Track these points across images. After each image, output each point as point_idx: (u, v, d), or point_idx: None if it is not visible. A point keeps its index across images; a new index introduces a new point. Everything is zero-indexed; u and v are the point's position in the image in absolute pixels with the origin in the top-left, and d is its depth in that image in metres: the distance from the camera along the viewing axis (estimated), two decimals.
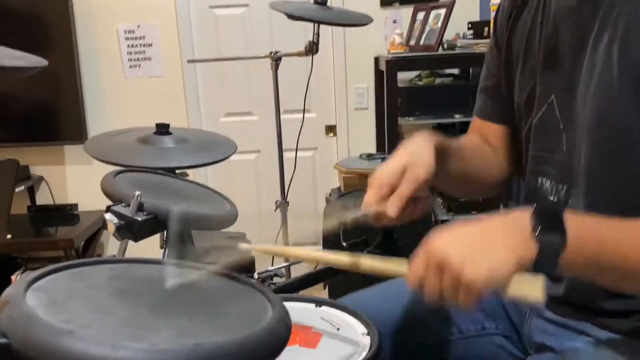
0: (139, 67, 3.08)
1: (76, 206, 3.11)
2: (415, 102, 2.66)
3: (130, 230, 0.95)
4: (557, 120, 0.90)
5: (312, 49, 2.12)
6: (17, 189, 2.89)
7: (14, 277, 2.88)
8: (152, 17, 3.03)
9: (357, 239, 1.70)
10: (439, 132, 0.98)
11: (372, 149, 3.03)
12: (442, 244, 0.70)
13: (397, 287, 1.13)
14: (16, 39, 2.84)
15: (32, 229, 3.01)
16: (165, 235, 1.26)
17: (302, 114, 2.35)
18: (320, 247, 2.72)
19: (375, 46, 2.98)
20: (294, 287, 1.63)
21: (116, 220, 0.95)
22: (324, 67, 3.03)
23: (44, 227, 3.04)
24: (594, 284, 0.76)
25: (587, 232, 0.71)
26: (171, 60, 3.07)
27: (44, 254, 3.06)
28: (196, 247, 1.35)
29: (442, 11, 2.61)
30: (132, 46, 3.06)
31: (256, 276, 1.45)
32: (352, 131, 3.16)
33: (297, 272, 1.93)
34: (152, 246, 1.32)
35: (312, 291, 2.42)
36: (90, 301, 0.59)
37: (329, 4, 2.08)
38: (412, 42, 2.75)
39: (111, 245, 3.27)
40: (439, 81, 2.82)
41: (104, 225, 0.97)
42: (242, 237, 2.30)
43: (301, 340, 0.92)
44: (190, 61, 2.87)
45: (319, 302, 1.05)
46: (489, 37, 2.58)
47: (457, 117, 2.59)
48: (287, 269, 2.09)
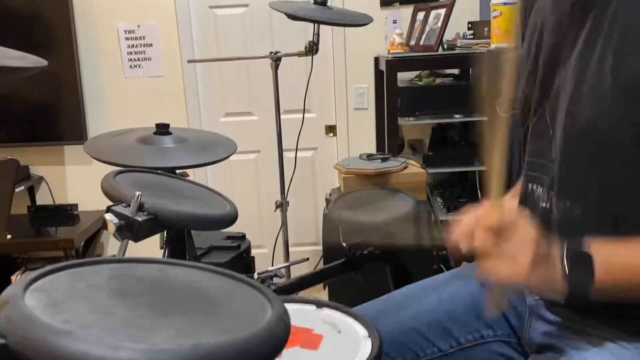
0: (139, 67, 3.08)
1: (76, 206, 3.11)
2: (415, 102, 2.66)
3: (130, 230, 0.95)
4: (548, 126, 0.90)
5: (312, 49, 2.12)
6: (17, 189, 2.90)
7: (13, 277, 2.88)
8: (152, 17, 3.03)
9: (357, 239, 1.71)
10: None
11: (372, 149, 3.03)
12: (535, 235, 0.75)
13: (394, 301, 1.13)
14: (16, 39, 2.88)
15: (32, 229, 3.01)
16: (165, 235, 1.26)
17: (302, 114, 2.35)
18: (320, 247, 2.73)
19: (375, 46, 2.98)
20: (294, 288, 1.63)
21: (116, 220, 0.94)
22: (324, 67, 3.03)
23: (44, 227, 3.04)
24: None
25: (615, 261, 0.77)
26: (171, 60, 3.07)
27: (44, 254, 3.06)
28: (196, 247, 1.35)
29: (442, 11, 2.60)
30: (132, 46, 3.06)
31: (256, 276, 1.45)
32: (352, 131, 3.16)
33: (297, 272, 1.93)
34: (152, 246, 1.32)
35: (312, 292, 2.42)
36: (89, 301, 0.59)
37: (329, 4, 2.08)
38: (412, 42, 2.75)
39: (111, 245, 3.27)
40: (439, 81, 2.81)
41: (104, 225, 0.96)
42: (242, 237, 2.31)
43: (302, 342, 0.92)
44: (190, 61, 2.87)
45: (320, 304, 1.05)
46: (489, 37, 2.58)
47: (457, 117, 2.59)
48: (287, 269, 2.09)
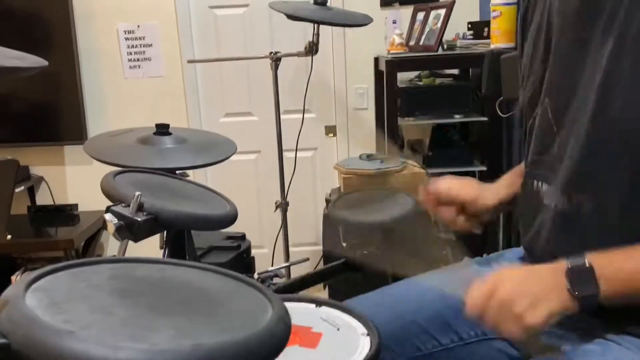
0: (139, 67, 3.08)
1: (76, 206, 3.11)
2: (415, 102, 2.66)
3: (130, 230, 0.94)
4: (551, 123, 0.90)
5: (312, 49, 2.13)
6: (17, 189, 2.90)
7: (14, 278, 2.88)
8: (152, 17, 3.04)
9: (357, 239, 1.71)
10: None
11: (372, 149, 3.03)
12: (511, 285, 0.81)
13: (395, 294, 1.13)
14: (16, 39, 2.88)
15: (32, 229, 3.01)
16: (165, 235, 1.26)
17: (302, 114, 2.36)
18: (320, 247, 2.73)
19: (375, 46, 2.98)
20: (294, 288, 1.63)
21: (116, 220, 0.94)
22: (324, 67, 3.03)
23: (44, 227, 3.04)
24: None
25: (621, 271, 0.79)
26: (171, 60, 3.07)
27: (44, 254, 3.06)
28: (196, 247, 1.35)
29: (442, 11, 2.60)
30: (132, 46, 3.06)
31: (256, 276, 1.45)
32: (352, 131, 3.17)
33: (297, 272, 1.93)
34: (152, 246, 1.32)
35: (312, 291, 2.42)
36: (90, 301, 0.59)
37: (329, 4, 2.08)
38: (412, 43, 2.75)
39: (111, 245, 3.27)
40: (439, 81, 2.81)
41: (104, 225, 0.97)
42: (242, 237, 2.31)
43: (301, 340, 0.92)
44: (190, 61, 2.87)
45: (319, 302, 1.05)
46: (488, 37, 2.58)
47: (457, 118, 2.59)
48: (287, 269, 2.09)
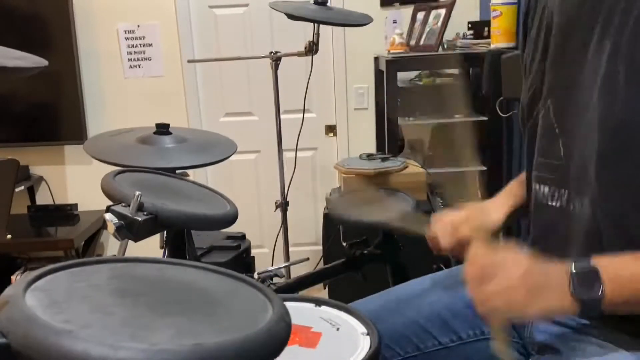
0: (139, 67, 3.08)
1: (76, 206, 3.11)
2: (415, 102, 2.66)
3: (130, 230, 0.94)
4: (552, 124, 0.90)
5: (312, 49, 2.12)
6: (17, 189, 2.90)
7: (14, 277, 2.88)
8: (152, 17, 3.04)
9: (357, 239, 1.71)
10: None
11: (372, 149, 3.03)
12: (519, 272, 0.77)
13: (399, 294, 1.14)
14: (16, 39, 2.88)
15: (32, 229, 3.01)
16: (165, 235, 1.26)
17: (302, 114, 2.35)
18: (320, 247, 2.73)
19: (375, 46, 2.98)
20: (293, 288, 1.63)
21: (116, 220, 0.94)
22: (324, 67, 3.03)
23: (44, 227, 3.04)
24: None
25: (623, 274, 0.76)
26: (171, 60, 3.08)
27: (44, 254, 3.06)
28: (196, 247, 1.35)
29: (442, 11, 2.61)
30: (132, 46, 3.06)
31: (256, 276, 1.46)
32: (352, 131, 3.17)
33: (297, 272, 1.93)
34: (152, 246, 1.32)
35: (312, 291, 2.42)
36: (90, 301, 0.59)
37: (329, 4, 2.08)
38: (412, 42, 2.75)
39: (111, 245, 3.27)
40: (439, 81, 2.81)
41: (104, 225, 0.97)
42: (242, 237, 2.31)
43: (301, 340, 0.92)
44: (190, 61, 2.87)
45: (319, 302, 1.05)
46: (489, 37, 2.58)
47: (457, 117, 2.59)
48: (287, 269, 2.09)
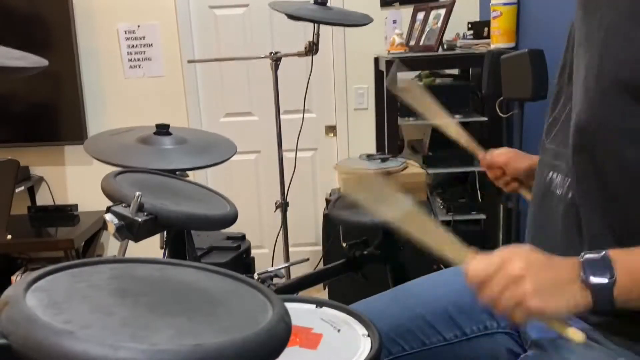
0: (139, 67, 3.09)
1: (76, 206, 3.11)
2: None
3: (130, 230, 0.94)
4: (570, 116, 0.92)
5: (312, 49, 2.12)
6: (17, 190, 2.90)
7: (14, 278, 2.88)
8: (152, 17, 3.04)
9: (357, 239, 1.71)
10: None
11: (372, 149, 3.03)
12: (523, 264, 0.76)
13: (407, 290, 1.15)
14: (16, 39, 2.87)
15: (32, 229, 3.01)
16: (165, 235, 1.26)
17: (302, 114, 2.35)
18: (320, 247, 2.73)
19: (375, 46, 2.98)
20: (294, 288, 1.64)
21: (116, 220, 0.94)
22: (324, 67, 3.03)
23: (44, 227, 3.04)
24: None
25: (634, 263, 0.76)
26: (171, 60, 3.08)
27: (44, 255, 3.06)
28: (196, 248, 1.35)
29: (442, 11, 2.61)
30: (132, 46, 3.06)
31: (256, 277, 1.46)
32: (352, 131, 3.17)
33: (297, 272, 1.93)
34: (152, 246, 1.32)
35: (312, 292, 2.42)
36: (90, 301, 0.59)
37: (329, 4, 2.08)
38: (412, 43, 2.75)
39: (111, 245, 3.27)
40: (439, 81, 2.81)
41: (104, 225, 0.97)
42: (242, 237, 2.31)
43: (301, 341, 0.92)
44: (190, 61, 2.87)
45: (320, 303, 1.05)
46: (489, 37, 2.59)
47: (457, 117, 2.59)
48: (287, 269, 2.09)
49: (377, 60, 3.00)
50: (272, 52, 2.19)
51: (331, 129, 3.21)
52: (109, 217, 0.95)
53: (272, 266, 1.51)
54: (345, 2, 2.99)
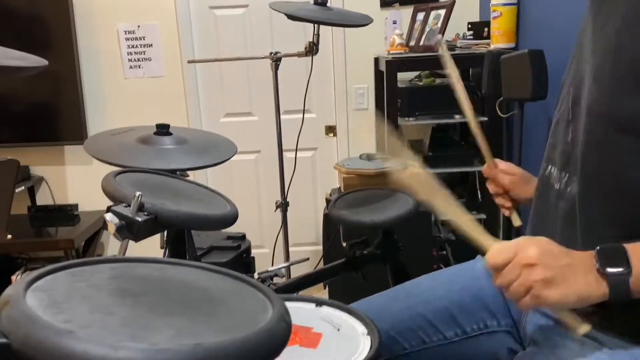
0: (139, 67, 3.09)
1: (76, 206, 3.11)
2: (415, 102, 2.66)
3: (130, 230, 0.94)
4: (569, 111, 0.93)
5: (312, 49, 2.12)
6: (18, 189, 2.90)
7: (14, 277, 2.88)
8: (152, 17, 3.04)
9: (357, 239, 1.71)
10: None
11: (372, 149, 3.03)
12: (536, 252, 0.77)
13: (409, 289, 1.16)
14: (16, 39, 2.88)
15: (32, 229, 3.01)
16: (165, 235, 1.26)
17: (302, 114, 2.35)
18: (320, 247, 2.73)
19: (375, 46, 2.99)
20: (293, 288, 1.64)
21: (117, 220, 0.94)
22: (324, 67, 3.04)
23: (44, 227, 3.04)
24: None
25: None
26: (171, 60, 3.08)
27: (44, 254, 3.06)
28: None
29: (442, 12, 2.61)
30: (132, 46, 3.06)
31: (256, 276, 1.46)
32: (352, 131, 3.17)
33: (297, 272, 1.93)
34: (152, 246, 1.32)
35: (312, 291, 2.42)
36: (90, 301, 0.59)
37: (329, 4, 2.08)
38: (412, 43, 2.75)
39: (111, 245, 3.27)
40: (439, 81, 2.81)
41: (104, 225, 0.96)
42: (242, 237, 2.31)
43: (301, 340, 0.92)
44: (190, 61, 2.87)
45: (320, 302, 1.05)
46: (488, 37, 2.58)
47: (457, 118, 2.59)
48: (287, 269, 2.09)
49: (377, 60, 3.00)
50: (272, 52, 2.19)
51: (331, 129, 3.21)
52: (109, 216, 0.95)
53: (272, 266, 1.52)
54: (345, 3, 2.99)
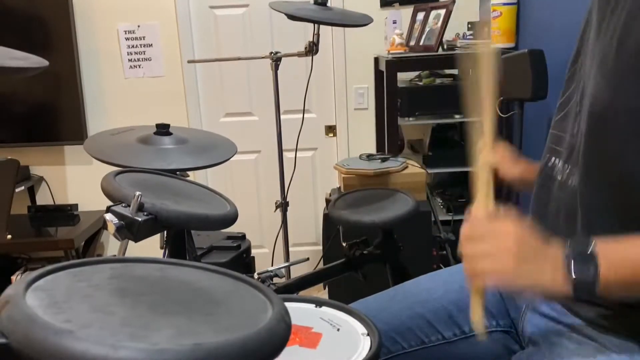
0: (139, 67, 3.09)
1: (76, 206, 3.11)
2: (415, 102, 2.66)
3: (130, 230, 0.94)
4: (577, 103, 0.92)
5: (312, 49, 2.12)
6: (18, 189, 2.90)
7: (14, 277, 2.88)
8: (152, 17, 3.04)
9: (357, 239, 1.71)
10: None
11: (372, 149, 3.03)
12: (511, 243, 0.77)
13: (407, 289, 1.16)
14: (16, 39, 2.89)
15: (32, 229, 3.01)
16: (165, 235, 1.26)
17: (302, 114, 2.35)
18: (320, 247, 2.73)
19: (375, 46, 2.99)
20: (293, 288, 1.63)
21: (116, 220, 0.94)
22: (324, 67, 3.04)
23: (44, 227, 3.04)
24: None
25: (619, 258, 0.75)
26: (171, 60, 3.08)
27: (44, 254, 3.06)
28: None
29: (442, 11, 2.61)
30: (132, 46, 3.06)
31: (256, 276, 1.46)
32: (352, 131, 3.17)
33: (297, 272, 1.93)
34: (152, 246, 1.32)
35: (312, 291, 2.42)
36: (90, 301, 0.59)
37: (329, 4, 2.08)
38: (412, 43, 2.75)
39: (111, 245, 3.27)
40: (439, 81, 2.81)
41: (104, 225, 0.96)
42: (242, 237, 2.31)
43: (301, 340, 0.92)
44: (190, 61, 2.87)
45: (319, 303, 1.05)
46: (488, 37, 2.58)
47: (457, 118, 2.59)
48: (287, 269, 2.09)
49: (377, 60, 3.00)
50: (272, 52, 2.19)
51: (331, 129, 3.21)
52: (109, 216, 0.95)
53: (272, 266, 1.52)
54: (345, 2, 3.00)
